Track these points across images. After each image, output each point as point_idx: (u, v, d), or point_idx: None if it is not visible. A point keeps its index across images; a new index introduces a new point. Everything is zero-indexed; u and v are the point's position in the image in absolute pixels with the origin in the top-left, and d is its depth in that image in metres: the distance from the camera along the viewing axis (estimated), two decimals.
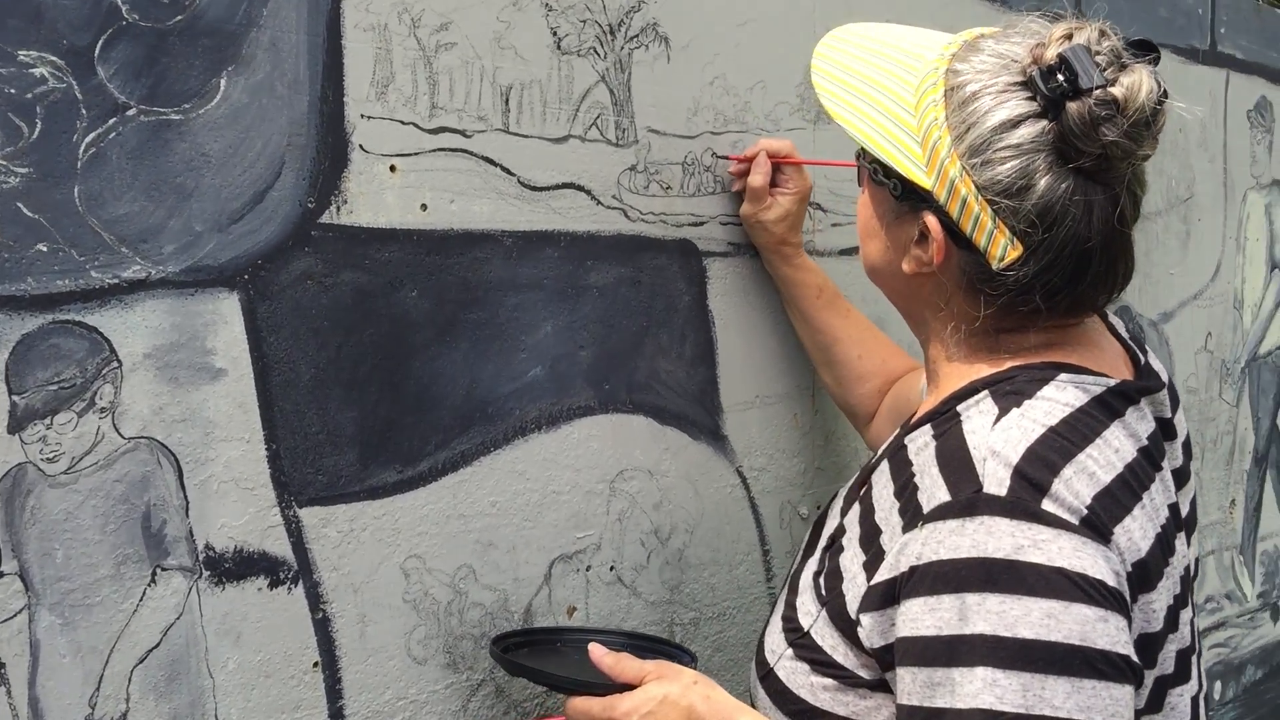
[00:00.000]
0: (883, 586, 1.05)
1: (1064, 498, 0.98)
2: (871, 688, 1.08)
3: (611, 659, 1.19)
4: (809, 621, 1.15)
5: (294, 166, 1.19)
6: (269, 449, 1.18)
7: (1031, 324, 1.12)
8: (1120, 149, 1.03)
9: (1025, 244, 1.06)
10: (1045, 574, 0.95)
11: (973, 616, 0.96)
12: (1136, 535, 1.02)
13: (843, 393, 1.65)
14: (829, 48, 1.22)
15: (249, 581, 1.17)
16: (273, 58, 1.17)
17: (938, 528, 1.00)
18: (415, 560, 1.29)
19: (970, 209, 1.07)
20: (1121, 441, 1.06)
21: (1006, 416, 1.04)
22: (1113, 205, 1.06)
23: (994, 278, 1.08)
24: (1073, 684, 0.94)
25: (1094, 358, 1.13)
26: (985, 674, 0.94)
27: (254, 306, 1.16)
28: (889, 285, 1.24)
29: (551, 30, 1.39)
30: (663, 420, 1.53)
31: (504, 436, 1.37)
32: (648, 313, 1.51)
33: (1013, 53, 1.07)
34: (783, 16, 1.65)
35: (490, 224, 1.34)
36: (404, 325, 1.27)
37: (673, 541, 1.55)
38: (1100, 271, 1.08)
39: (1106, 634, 0.95)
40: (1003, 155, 1.05)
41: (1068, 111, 1.02)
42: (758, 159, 1.55)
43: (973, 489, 1.00)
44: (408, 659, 1.29)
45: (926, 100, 1.10)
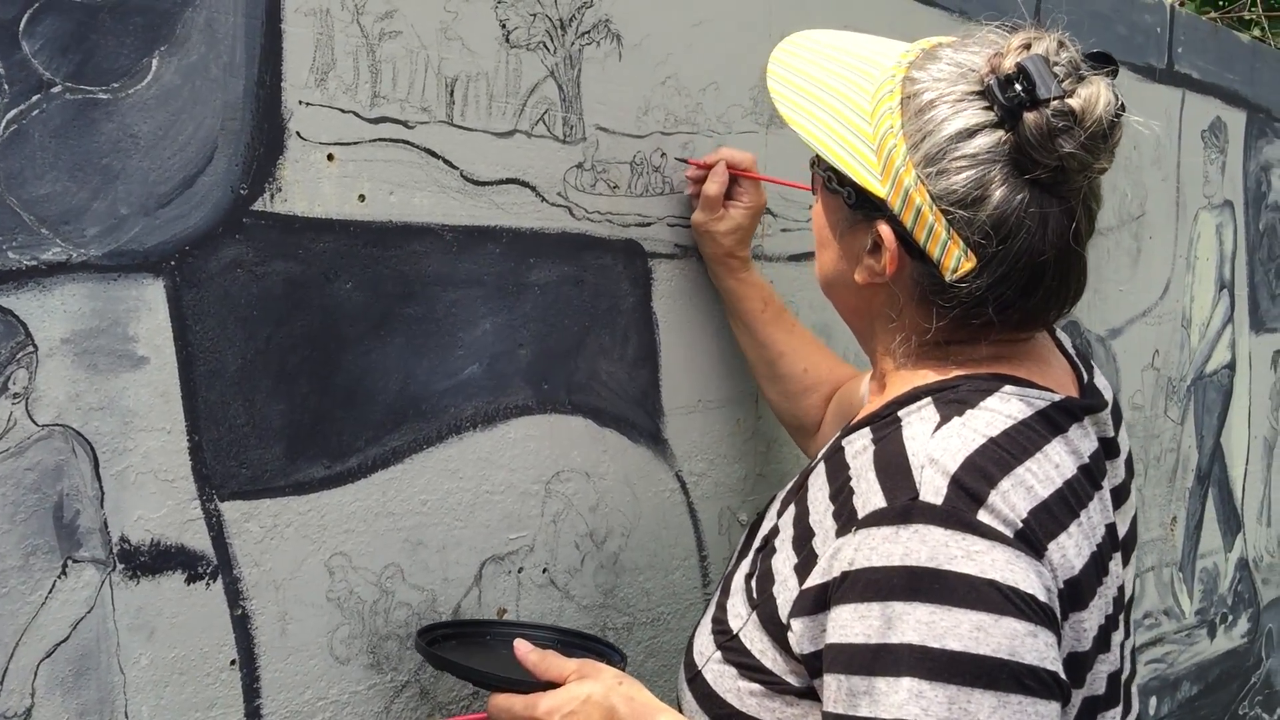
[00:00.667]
0: (814, 591, 1.03)
1: (1000, 510, 0.97)
2: (799, 694, 1.07)
3: (536, 656, 1.18)
4: (738, 624, 1.13)
5: (227, 152, 1.16)
6: (191, 440, 1.15)
7: (982, 337, 1.11)
8: (1077, 161, 1.01)
9: (979, 256, 1.04)
10: (976, 585, 0.94)
11: (901, 625, 0.95)
12: (1071, 553, 1.01)
13: (789, 406, 1.64)
14: (785, 53, 1.21)
15: (165, 576, 1.14)
16: (208, 39, 1.13)
17: (871, 533, 0.99)
18: (341, 558, 1.27)
19: (924, 219, 1.05)
20: (1062, 457, 1.05)
21: (947, 425, 1.03)
22: (1068, 219, 1.05)
23: (946, 289, 1.07)
24: (999, 698, 0.93)
25: (1041, 372, 1.12)
26: (911, 684, 0.93)
27: (180, 293, 1.13)
28: (840, 296, 1.22)
29: (500, 22, 1.37)
30: (602, 422, 1.51)
31: (438, 434, 1.34)
32: (590, 313, 1.49)
33: (971, 62, 1.06)
34: (736, 18, 1.64)
35: (430, 217, 1.32)
36: (337, 317, 1.25)
37: (608, 545, 1.53)
38: (1053, 286, 1.07)
39: (1035, 649, 0.94)
40: (958, 165, 1.03)
41: (1025, 122, 1.01)
42: (716, 167, 1.53)
43: (908, 496, 0.99)
44: (330, 658, 1.27)
45: (883, 108, 1.08)
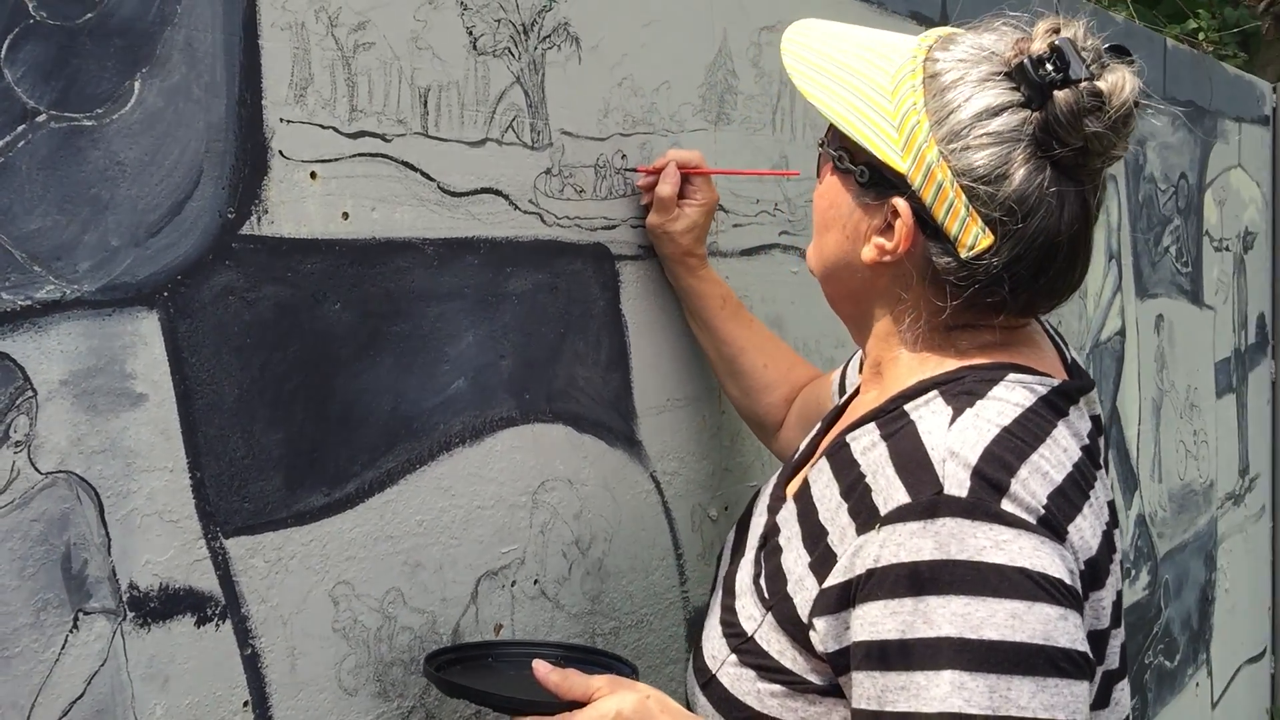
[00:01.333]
0: (837, 590, 1.04)
1: (1022, 498, 0.99)
2: (821, 693, 1.07)
3: (558, 676, 1.14)
4: (752, 626, 1.13)
5: (213, 175, 1.11)
6: (193, 477, 1.10)
7: (987, 320, 1.13)
8: (1100, 142, 1.04)
9: (997, 233, 1.06)
10: (1008, 574, 0.96)
11: (937, 619, 0.96)
12: (1087, 533, 1.04)
13: (749, 403, 1.65)
14: (798, 34, 1.21)
15: (176, 621, 1.09)
16: (188, 58, 1.09)
17: (897, 529, 1.00)
18: (344, 586, 1.23)
19: (945, 194, 1.07)
20: (1068, 441, 1.08)
21: (961, 417, 1.04)
22: (1082, 202, 1.08)
23: (962, 267, 1.09)
24: (1037, 683, 0.95)
25: (1037, 357, 1.15)
26: (952, 676, 0.94)
27: (174, 325, 1.08)
28: (840, 280, 1.21)
29: (467, 30, 1.34)
30: (581, 428, 1.50)
31: (429, 452, 1.32)
32: (565, 319, 1.47)
33: (993, 45, 1.09)
34: (685, 17, 1.64)
35: (412, 232, 1.29)
36: (328, 340, 1.21)
37: (593, 551, 1.52)
38: (1062, 268, 1.09)
39: (1067, 632, 0.97)
40: (982, 142, 1.05)
41: (1055, 100, 1.03)
42: (667, 169, 1.53)
43: (933, 490, 1.00)
44: (339, 691, 1.23)
45: (905, 86, 1.10)
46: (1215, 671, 3.92)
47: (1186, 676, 3.66)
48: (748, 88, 1.76)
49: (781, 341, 1.68)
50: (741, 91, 1.75)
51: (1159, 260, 3.35)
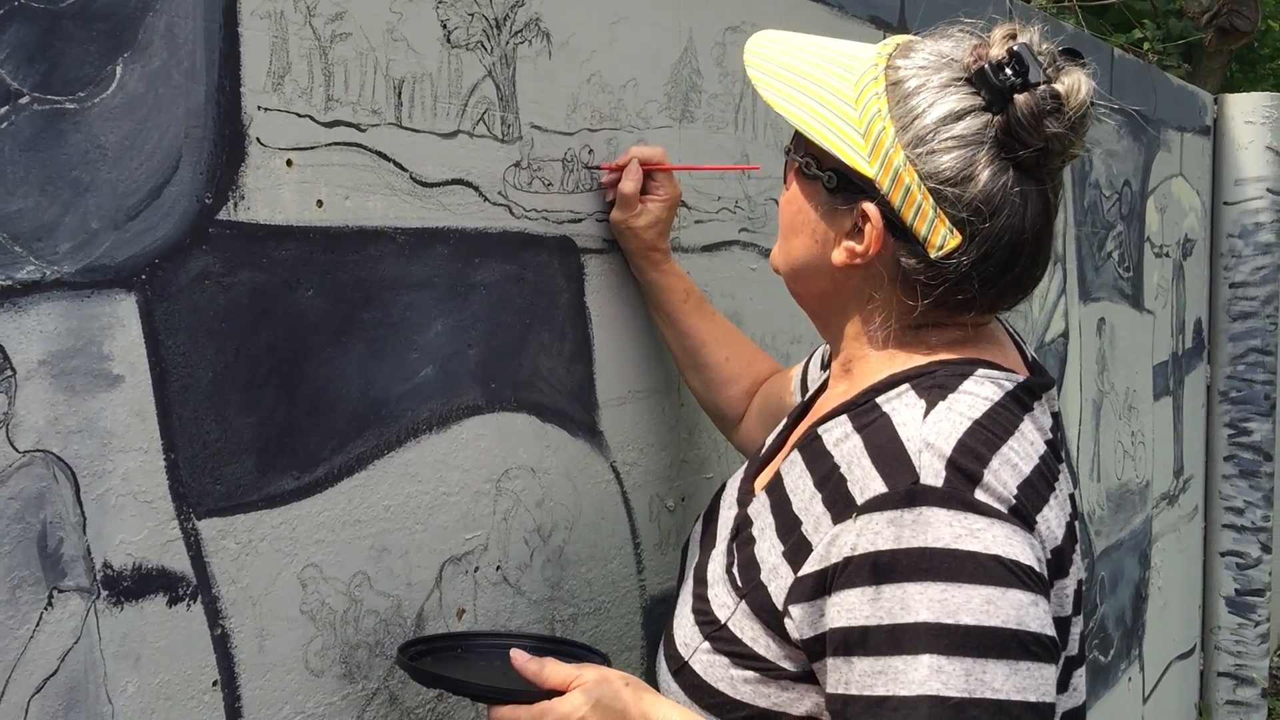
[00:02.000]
0: (812, 578, 1.07)
1: (994, 488, 1.03)
2: (794, 679, 1.10)
3: (536, 665, 1.16)
4: (725, 614, 1.16)
5: (191, 160, 1.12)
6: (167, 459, 1.11)
7: (955, 319, 1.16)
8: (1060, 142, 1.09)
9: (965, 233, 1.10)
10: (983, 561, 0.99)
11: (914, 604, 0.99)
12: (1053, 523, 1.08)
13: (711, 396, 1.68)
14: (760, 45, 1.24)
15: (148, 600, 1.10)
16: (169, 44, 1.10)
17: (874, 518, 1.03)
18: (312, 569, 1.25)
19: (913, 197, 1.10)
20: (1034, 435, 1.11)
21: (935, 410, 1.08)
22: (1044, 201, 1.12)
23: (931, 267, 1.12)
24: (1011, 666, 0.98)
25: (1001, 354, 1.19)
26: (930, 660, 0.97)
27: (151, 308, 1.09)
28: (809, 282, 1.24)
29: (442, 23, 1.36)
30: (544, 418, 1.53)
31: (397, 438, 1.33)
32: (531, 310, 1.50)
33: (951, 52, 1.13)
34: (652, 15, 1.67)
35: (384, 221, 1.31)
36: (301, 326, 1.23)
37: (553, 539, 1.55)
38: (1027, 265, 1.14)
39: (1038, 617, 1.00)
40: (947, 145, 1.09)
41: (1015, 104, 1.07)
42: (629, 166, 1.56)
43: (910, 480, 1.03)
44: (305, 672, 1.25)
45: (868, 93, 1.13)
46: (1147, 667, 4.02)
47: (1120, 671, 3.76)
48: (711, 86, 1.79)
49: (743, 336, 1.71)
50: (705, 90, 1.78)
51: (1102, 265, 3.44)
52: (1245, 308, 4.44)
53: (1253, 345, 4.46)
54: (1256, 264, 4.42)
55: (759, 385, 1.66)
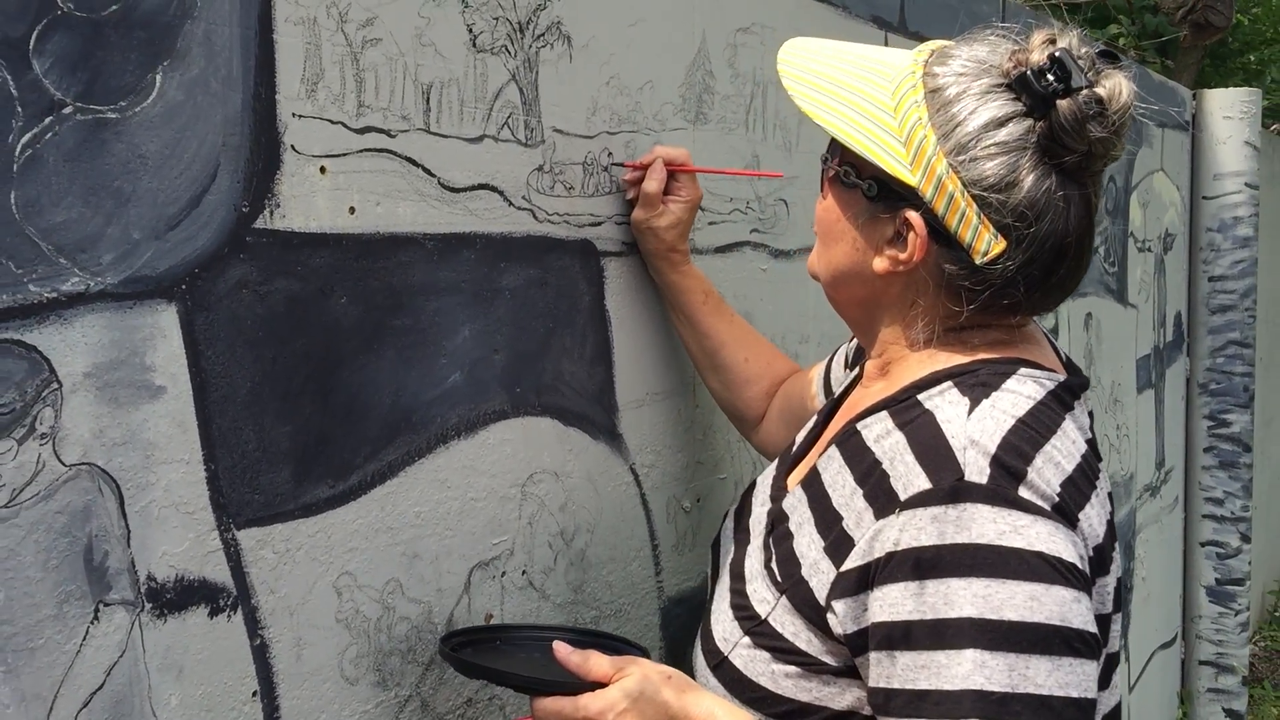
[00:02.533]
0: (855, 573, 1.07)
1: (1038, 485, 1.04)
2: (836, 673, 1.11)
3: (579, 657, 1.16)
4: (765, 609, 1.17)
5: (229, 168, 1.11)
6: (208, 469, 1.11)
7: (997, 321, 1.17)
8: (1102, 146, 1.10)
9: (1010, 239, 1.11)
10: (1027, 558, 1.00)
11: (959, 600, 1.00)
12: (1095, 521, 1.09)
13: (730, 396, 1.68)
14: (792, 54, 1.24)
15: (190, 611, 1.10)
16: (207, 52, 1.09)
17: (918, 514, 1.04)
18: (347, 577, 1.25)
19: (956, 204, 1.11)
20: (1075, 434, 1.12)
21: (979, 408, 1.09)
22: (1085, 203, 1.13)
23: (976, 272, 1.13)
24: (1053, 662, 0.99)
25: (1041, 354, 1.20)
26: (974, 655, 0.98)
27: (191, 318, 1.09)
28: (848, 288, 1.25)
29: (468, 27, 1.36)
30: (567, 421, 1.53)
31: (427, 445, 1.33)
32: (554, 314, 1.50)
33: (989, 59, 1.13)
34: (668, 17, 1.67)
35: (414, 226, 1.30)
36: (334, 333, 1.22)
37: (576, 542, 1.55)
38: (1073, 266, 1.14)
39: (1080, 614, 1.01)
40: (990, 152, 1.10)
41: (1058, 109, 1.08)
42: (654, 165, 1.56)
43: (954, 477, 1.04)
44: (341, 680, 1.24)
45: (907, 102, 1.13)
46: (1132, 656, 4.07)
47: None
48: (724, 88, 1.79)
49: (761, 336, 1.71)
50: (718, 91, 1.78)
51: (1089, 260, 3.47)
52: (1224, 301, 4.50)
53: (1231, 338, 4.52)
54: (1235, 257, 4.47)
55: (778, 386, 1.66)
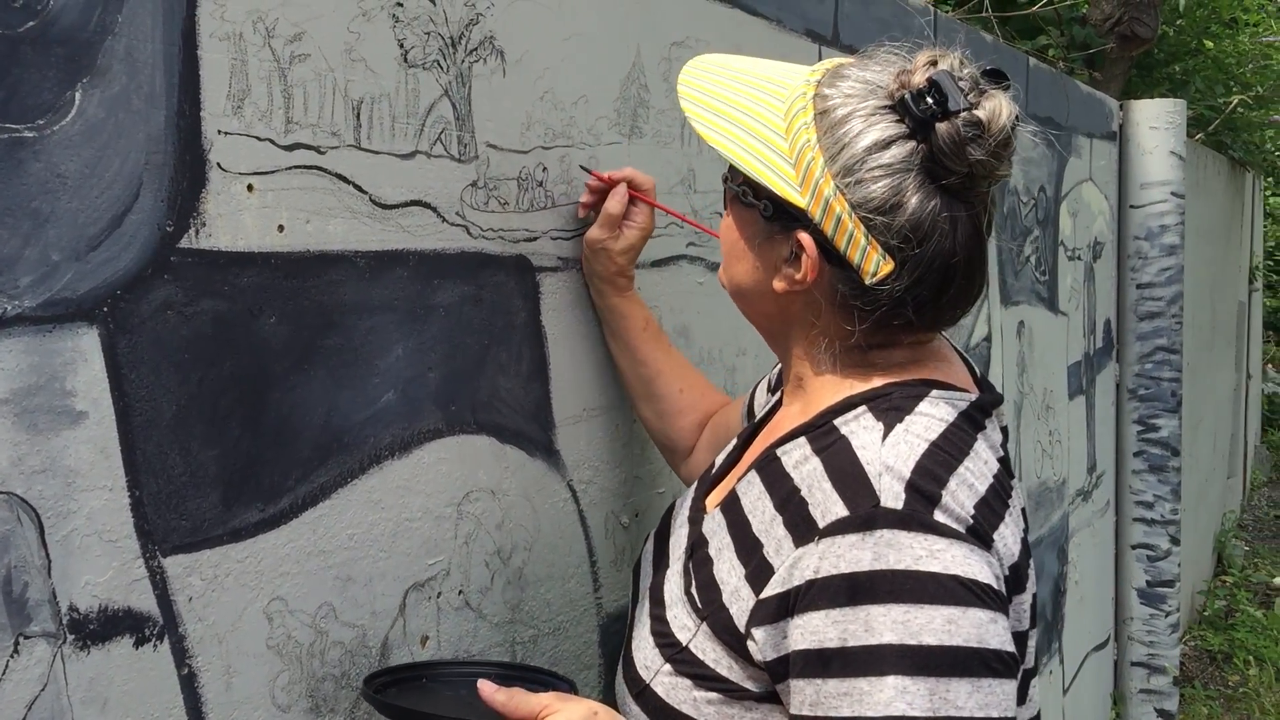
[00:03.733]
0: (775, 600, 1.08)
1: (952, 508, 1.05)
2: (757, 699, 1.11)
3: (504, 695, 1.15)
4: (686, 636, 1.16)
5: (152, 187, 1.09)
6: (132, 496, 1.08)
7: (898, 340, 1.18)
8: (984, 167, 1.10)
9: (896, 259, 1.11)
10: (943, 582, 1.01)
11: (878, 626, 1.00)
12: (1009, 540, 1.10)
13: (662, 426, 1.68)
14: (693, 75, 1.24)
15: (115, 642, 1.07)
16: (129, 68, 1.06)
17: (836, 542, 1.04)
18: (278, 603, 1.22)
19: (844, 226, 1.12)
20: (987, 454, 1.14)
21: (893, 433, 1.09)
22: (974, 223, 1.13)
23: (866, 293, 1.14)
24: (973, 684, 1.00)
25: (951, 373, 1.21)
26: (895, 682, 0.99)
27: (114, 341, 1.06)
28: (755, 305, 1.26)
29: (399, 42, 1.34)
30: (503, 439, 1.51)
31: (360, 466, 1.31)
32: (489, 331, 1.48)
33: (877, 79, 1.13)
34: (602, 31, 1.67)
35: (345, 244, 1.28)
36: (264, 354, 1.20)
37: (513, 560, 1.54)
38: (962, 285, 1.15)
39: (997, 635, 1.03)
40: (875, 174, 1.10)
41: (937, 132, 1.08)
42: (619, 188, 1.56)
43: (870, 503, 1.04)
44: (273, 708, 1.22)
45: (798, 124, 1.14)
46: (1066, 659, 4.13)
47: (1041, 664, 3.85)
48: (659, 102, 1.79)
49: (695, 369, 1.71)
50: (653, 105, 1.78)
51: (1021, 269, 3.52)
52: (1152, 308, 4.59)
53: (1159, 344, 4.60)
54: (1162, 265, 4.56)
55: (708, 418, 1.66)
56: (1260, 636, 6.17)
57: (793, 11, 2.16)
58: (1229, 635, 6.23)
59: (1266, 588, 7.10)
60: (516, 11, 1.50)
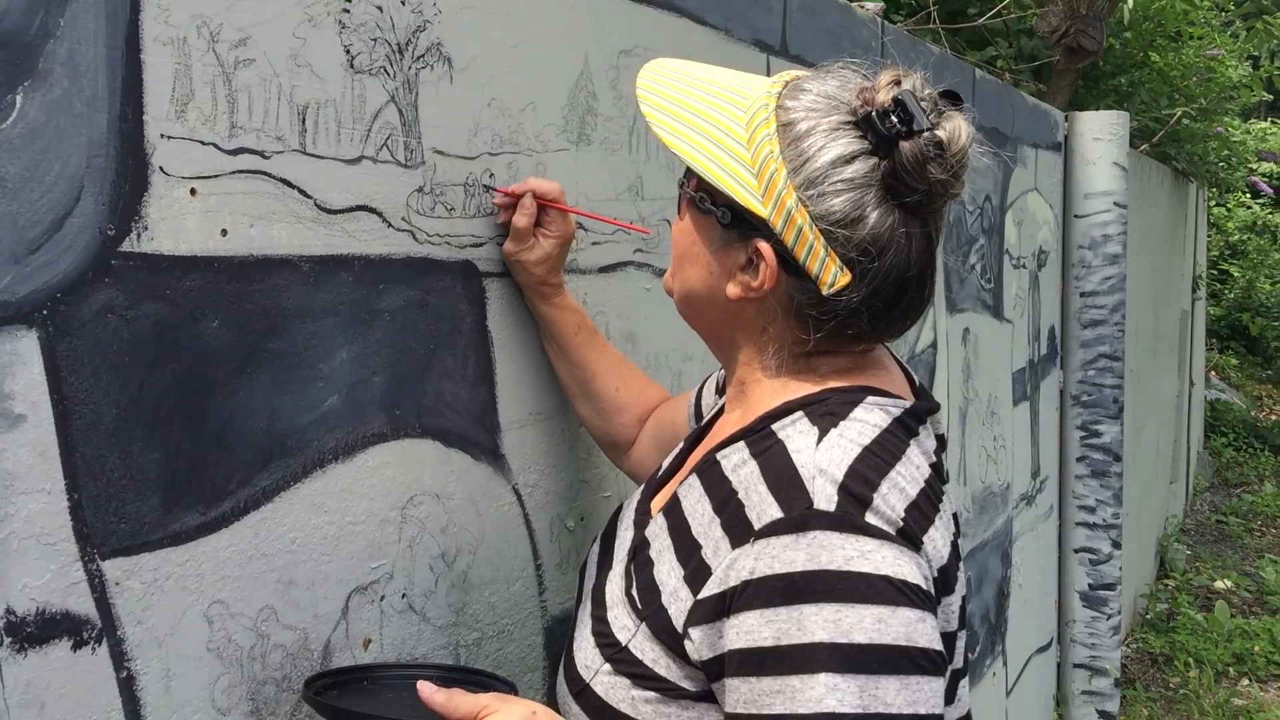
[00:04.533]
0: (712, 600, 1.10)
1: (883, 511, 1.08)
2: (694, 698, 1.13)
3: (443, 696, 1.16)
4: (626, 636, 1.18)
5: (93, 190, 1.09)
6: (71, 499, 1.08)
7: (845, 349, 1.21)
8: (942, 186, 1.13)
9: (854, 272, 1.14)
10: (874, 582, 1.04)
11: (810, 625, 1.02)
12: (939, 543, 1.13)
13: (601, 424, 1.70)
14: (652, 79, 1.26)
15: (52, 645, 1.07)
16: (70, 72, 1.06)
17: (771, 543, 1.06)
18: (219, 606, 1.22)
19: (805, 238, 1.14)
20: (919, 459, 1.17)
21: (827, 437, 1.12)
22: (926, 239, 1.17)
23: (823, 303, 1.16)
24: (902, 681, 1.03)
25: (889, 380, 1.24)
26: (826, 679, 1.01)
27: (53, 344, 1.06)
28: (703, 310, 1.28)
29: (345, 48, 1.35)
30: (448, 443, 1.52)
31: (303, 469, 1.31)
32: (434, 335, 1.49)
33: (839, 95, 1.16)
34: (550, 40, 1.68)
35: (289, 249, 1.29)
36: (206, 358, 1.20)
37: (458, 564, 1.55)
38: (915, 297, 1.18)
39: (925, 633, 1.05)
40: (837, 188, 1.13)
41: (901, 150, 1.11)
42: (524, 200, 1.56)
43: (804, 505, 1.07)
44: (212, 710, 1.22)
45: (760, 135, 1.16)
46: (1010, 661, 4.19)
47: (985, 667, 3.90)
48: (607, 109, 1.81)
49: (633, 365, 1.73)
50: (601, 113, 1.80)
51: (967, 277, 3.57)
52: (1095, 315, 4.67)
53: (1102, 351, 4.69)
54: (1105, 274, 4.64)
55: (649, 412, 1.68)
56: (1200, 639, 6.28)
57: (741, 21, 2.19)
58: (1170, 638, 6.34)
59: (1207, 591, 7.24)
60: (464, 19, 1.51)
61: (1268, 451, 10.90)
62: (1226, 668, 6.05)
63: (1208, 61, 7.17)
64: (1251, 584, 7.32)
